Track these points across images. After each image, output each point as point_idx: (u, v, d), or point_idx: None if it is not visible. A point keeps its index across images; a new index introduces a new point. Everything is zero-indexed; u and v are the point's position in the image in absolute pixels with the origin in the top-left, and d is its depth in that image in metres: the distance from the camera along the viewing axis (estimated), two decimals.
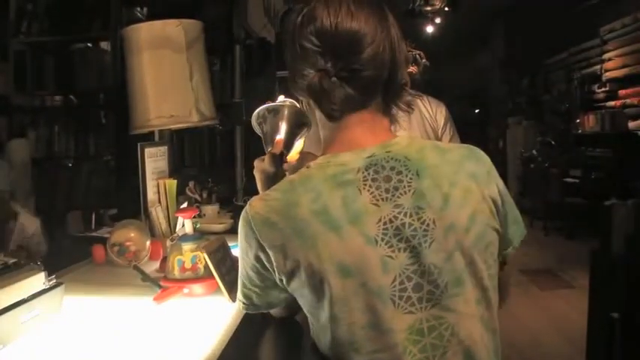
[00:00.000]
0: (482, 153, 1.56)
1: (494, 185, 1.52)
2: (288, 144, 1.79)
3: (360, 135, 1.51)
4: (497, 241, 1.51)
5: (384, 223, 1.41)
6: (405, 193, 1.43)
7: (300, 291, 1.48)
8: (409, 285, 1.41)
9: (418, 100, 3.26)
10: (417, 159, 1.47)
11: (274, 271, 1.49)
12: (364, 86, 1.48)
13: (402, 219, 1.41)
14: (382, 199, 1.43)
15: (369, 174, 1.44)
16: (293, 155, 1.88)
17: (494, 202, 1.50)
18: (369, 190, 1.43)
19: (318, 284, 1.43)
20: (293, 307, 1.58)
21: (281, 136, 1.83)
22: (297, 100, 1.78)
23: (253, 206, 1.50)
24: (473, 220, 1.44)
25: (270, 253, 1.46)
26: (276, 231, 1.45)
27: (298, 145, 1.90)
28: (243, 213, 1.52)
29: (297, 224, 1.43)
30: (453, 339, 1.41)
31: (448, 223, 1.42)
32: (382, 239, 1.41)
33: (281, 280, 1.50)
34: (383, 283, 1.40)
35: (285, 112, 1.84)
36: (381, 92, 1.53)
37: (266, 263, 1.50)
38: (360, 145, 1.50)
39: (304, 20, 1.50)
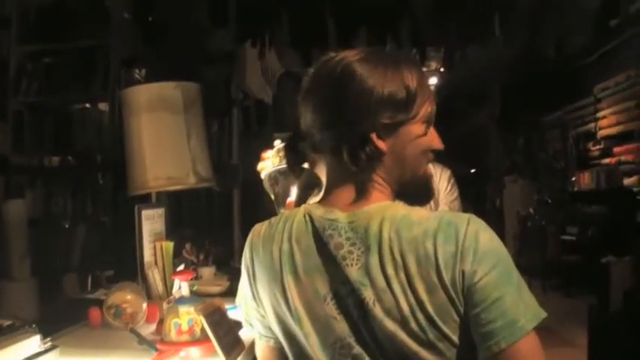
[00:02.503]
0: (460, 229, 1.37)
1: (460, 272, 1.33)
2: (299, 205, 1.81)
3: (340, 196, 1.50)
4: (458, 332, 1.36)
5: (334, 286, 1.42)
6: (353, 265, 1.40)
7: (271, 324, 1.57)
8: (350, 352, 1.41)
9: None
10: (374, 233, 1.40)
11: (252, 294, 1.59)
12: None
13: (347, 289, 1.40)
14: (332, 265, 1.43)
15: (324, 235, 1.44)
16: None
17: (454, 290, 1.34)
18: (323, 250, 1.44)
19: (279, 323, 1.52)
20: None
21: (292, 198, 1.85)
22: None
23: (255, 228, 1.60)
24: (416, 309, 1.34)
25: (251, 276, 1.58)
26: (258, 257, 1.55)
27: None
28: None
29: (269, 258, 1.51)
30: None
31: (387, 307, 1.36)
32: (331, 299, 1.42)
33: (258, 306, 1.59)
34: (325, 342, 1.43)
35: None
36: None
37: (252, 284, 1.59)
38: (336, 205, 1.49)
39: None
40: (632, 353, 4.29)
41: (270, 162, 1.94)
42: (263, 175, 2.12)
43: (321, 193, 1.59)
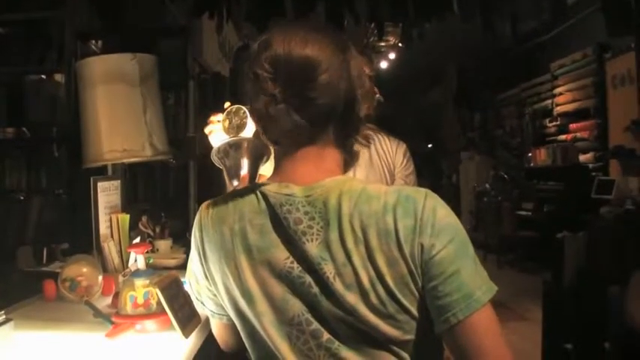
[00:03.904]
0: (418, 203, 1.39)
1: (419, 245, 1.35)
2: (253, 176, 1.80)
3: (294, 170, 1.50)
4: (416, 305, 1.38)
5: (291, 262, 1.42)
6: (312, 240, 1.40)
7: (223, 303, 1.58)
8: (308, 329, 1.42)
9: (377, 138, 3.26)
10: (333, 207, 1.41)
11: (204, 273, 1.59)
12: (315, 115, 1.45)
13: (307, 265, 1.41)
14: (290, 241, 1.42)
15: (281, 212, 1.43)
16: None
17: (414, 263, 1.36)
18: (280, 227, 1.44)
19: (231, 302, 1.52)
20: (240, 339, 1.59)
21: (245, 171, 1.84)
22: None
23: (204, 207, 1.59)
24: (376, 282, 1.36)
25: (202, 255, 1.57)
26: (208, 237, 1.54)
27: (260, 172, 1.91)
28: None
29: (220, 238, 1.50)
30: None
31: (348, 282, 1.36)
32: (287, 277, 1.42)
33: (210, 284, 1.59)
34: (282, 319, 1.43)
35: (246, 146, 1.84)
36: (335, 125, 1.50)
37: (203, 264, 1.58)
38: (290, 180, 1.48)
39: (260, 48, 1.48)
40: (585, 327, 4.35)
41: (220, 125, 1.92)
42: (214, 143, 2.10)
43: (272, 165, 1.58)
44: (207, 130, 2.17)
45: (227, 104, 1.83)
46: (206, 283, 1.60)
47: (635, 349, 3.49)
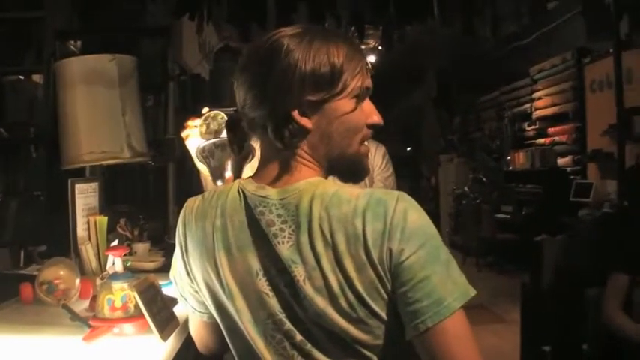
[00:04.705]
0: (389, 207, 1.35)
1: (387, 250, 1.32)
2: (237, 177, 1.80)
3: (271, 172, 1.49)
4: (387, 310, 1.36)
5: (265, 263, 1.42)
6: (284, 242, 1.39)
7: (205, 299, 1.58)
8: (282, 328, 1.42)
9: None
10: (304, 210, 1.39)
11: (186, 270, 1.59)
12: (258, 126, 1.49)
13: (278, 267, 1.40)
14: (263, 242, 1.42)
15: (256, 213, 1.43)
16: None
17: (382, 268, 1.33)
18: (255, 227, 1.43)
19: (212, 298, 1.53)
20: (221, 340, 1.59)
21: (230, 173, 1.84)
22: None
23: (188, 203, 1.60)
24: (345, 287, 1.34)
25: (184, 251, 1.58)
26: (191, 232, 1.55)
27: (245, 172, 1.91)
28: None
29: (201, 234, 1.51)
30: None
31: (317, 285, 1.35)
32: (263, 275, 1.42)
33: (192, 281, 1.60)
34: (257, 318, 1.44)
35: None
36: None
37: (185, 260, 1.59)
38: (267, 181, 1.48)
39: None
40: (563, 329, 4.38)
41: (197, 130, 1.91)
42: (190, 147, 2.10)
43: (255, 164, 1.58)
44: (183, 135, 2.16)
45: (205, 109, 1.83)
46: (188, 280, 1.60)
47: (612, 351, 3.50)
